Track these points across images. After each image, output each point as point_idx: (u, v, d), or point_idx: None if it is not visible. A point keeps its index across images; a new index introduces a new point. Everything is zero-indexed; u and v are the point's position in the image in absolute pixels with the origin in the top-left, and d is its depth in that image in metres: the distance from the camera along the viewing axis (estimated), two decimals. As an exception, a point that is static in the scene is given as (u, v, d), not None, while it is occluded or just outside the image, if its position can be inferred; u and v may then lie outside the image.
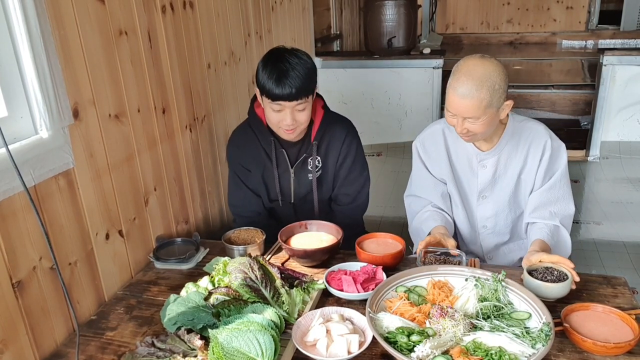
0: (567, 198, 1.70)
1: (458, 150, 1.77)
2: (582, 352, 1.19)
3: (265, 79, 1.65)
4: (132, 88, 1.66)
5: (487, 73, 1.49)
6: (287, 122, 1.69)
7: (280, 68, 1.63)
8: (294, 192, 1.95)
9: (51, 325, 1.35)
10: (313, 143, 1.86)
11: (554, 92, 4.63)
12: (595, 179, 3.95)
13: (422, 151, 1.84)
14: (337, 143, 1.89)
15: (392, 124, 4.47)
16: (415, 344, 1.14)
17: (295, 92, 1.63)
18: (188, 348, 1.21)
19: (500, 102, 1.53)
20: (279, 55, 1.68)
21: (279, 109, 1.68)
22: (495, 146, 1.70)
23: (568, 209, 1.70)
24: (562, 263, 1.43)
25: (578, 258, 2.87)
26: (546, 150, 1.67)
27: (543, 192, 1.69)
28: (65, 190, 1.39)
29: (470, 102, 1.49)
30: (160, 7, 1.80)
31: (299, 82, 1.63)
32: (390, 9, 4.48)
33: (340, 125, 1.91)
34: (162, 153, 1.85)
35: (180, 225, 1.99)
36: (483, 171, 1.74)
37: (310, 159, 1.89)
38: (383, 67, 4.37)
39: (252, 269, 1.39)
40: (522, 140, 1.69)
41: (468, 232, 1.88)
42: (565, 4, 6.53)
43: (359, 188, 1.97)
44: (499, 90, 1.50)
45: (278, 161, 1.89)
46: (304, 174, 1.92)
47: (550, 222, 1.66)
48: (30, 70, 1.24)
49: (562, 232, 1.68)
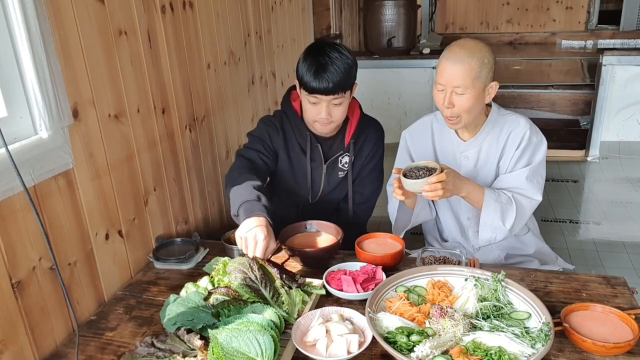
0: (535, 189, 1.68)
1: (442, 141, 1.81)
2: (582, 352, 1.19)
3: (304, 71, 1.67)
4: (132, 88, 1.66)
5: (478, 47, 1.60)
6: (322, 115, 1.71)
7: (320, 61, 1.64)
8: (323, 189, 1.95)
9: (51, 325, 1.35)
10: (350, 142, 1.88)
11: (554, 92, 4.63)
12: (595, 179, 3.95)
13: (409, 141, 1.89)
14: (370, 144, 1.93)
15: (392, 124, 4.46)
16: (415, 344, 1.14)
17: (332, 87, 1.64)
18: (188, 348, 1.21)
19: (487, 79, 1.60)
20: (320, 48, 1.69)
21: (315, 102, 1.70)
22: (476, 136, 1.73)
23: (534, 197, 1.68)
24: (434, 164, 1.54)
25: (578, 258, 2.87)
26: (523, 140, 1.68)
27: (511, 177, 1.69)
28: (65, 191, 1.39)
29: (461, 68, 1.57)
30: (160, 7, 1.80)
31: (337, 76, 1.64)
32: (390, 9, 4.48)
33: (375, 127, 1.95)
34: (162, 153, 1.85)
35: (180, 225, 1.99)
36: (465, 162, 1.76)
37: (342, 156, 1.90)
38: (383, 67, 4.37)
39: (252, 269, 1.38)
40: (503, 132, 1.72)
41: (453, 224, 1.90)
42: (565, 4, 6.53)
43: (373, 190, 1.99)
44: (487, 64, 1.59)
45: (312, 155, 1.89)
46: (335, 172, 1.93)
47: (505, 192, 1.66)
48: (30, 71, 1.24)
49: (509, 200, 1.64)
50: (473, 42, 1.62)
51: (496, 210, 1.63)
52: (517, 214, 1.64)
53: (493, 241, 1.70)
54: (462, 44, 1.61)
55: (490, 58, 1.61)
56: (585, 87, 4.58)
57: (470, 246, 1.89)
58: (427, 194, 1.51)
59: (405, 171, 1.56)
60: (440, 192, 1.50)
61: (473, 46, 1.60)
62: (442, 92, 1.62)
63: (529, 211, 1.69)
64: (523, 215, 1.67)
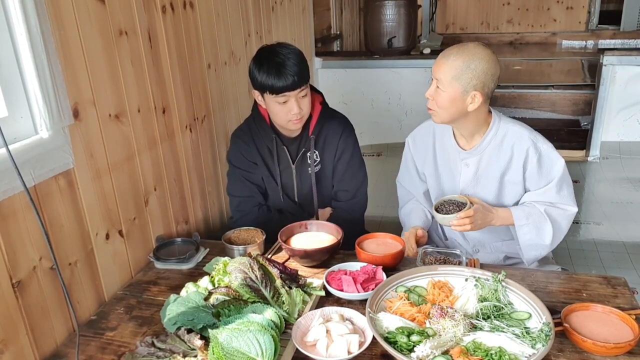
0: (566, 201, 1.69)
1: (443, 147, 1.81)
2: (582, 352, 1.19)
3: (264, 77, 1.69)
4: (132, 88, 1.66)
5: (473, 52, 1.56)
6: (294, 111, 1.74)
7: (276, 61, 1.69)
8: (297, 189, 1.97)
9: (51, 325, 1.35)
10: (311, 137, 1.89)
11: (554, 92, 4.63)
12: (595, 179, 3.95)
13: (412, 145, 1.90)
14: (334, 138, 1.93)
15: (392, 124, 4.47)
16: (415, 344, 1.14)
17: (297, 79, 1.69)
18: (188, 348, 1.21)
19: (469, 85, 1.56)
20: (269, 51, 1.73)
21: (285, 100, 1.72)
22: (477, 146, 1.71)
23: (567, 209, 1.69)
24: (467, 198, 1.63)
25: (578, 258, 2.87)
26: (529, 157, 1.66)
27: (542, 194, 1.69)
28: (65, 190, 1.39)
29: (445, 63, 1.58)
30: (160, 7, 1.80)
31: (297, 69, 1.69)
32: (390, 9, 4.48)
33: (337, 120, 1.95)
34: (162, 153, 1.85)
35: (180, 225, 1.99)
36: (465, 170, 1.75)
37: (308, 153, 1.92)
38: (383, 67, 4.37)
39: (252, 269, 1.38)
40: (504, 142, 1.69)
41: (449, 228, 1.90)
42: (565, 4, 6.53)
43: (358, 184, 2.00)
44: (472, 70, 1.55)
45: (280, 158, 1.92)
46: (305, 170, 1.94)
47: (536, 206, 1.68)
48: (31, 70, 1.24)
49: (541, 216, 1.66)
50: (475, 47, 1.57)
51: (530, 229, 1.67)
52: (554, 228, 1.67)
53: (539, 257, 1.75)
54: (464, 44, 1.59)
55: (481, 67, 1.54)
56: (585, 87, 4.57)
57: (470, 247, 1.89)
58: (456, 228, 1.61)
59: (437, 205, 1.68)
60: (468, 227, 1.60)
61: (470, 49, 1.56)
62: (432, 82, 1.64)
63: (565, 223, 1.71)
64: (560, 228, 1.69)
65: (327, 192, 2.02)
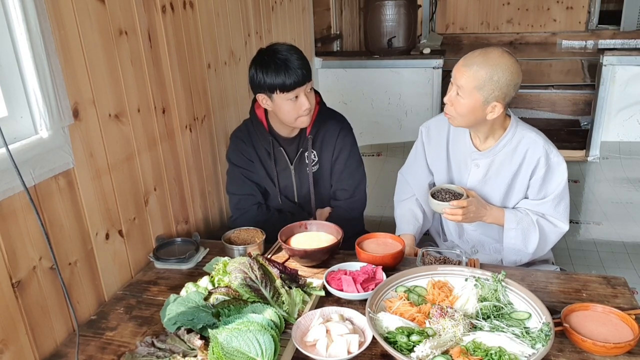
0: (560, 217, 1.69)
1: (457, 143, 1.79)
2: (582, 352, 1.19)
3: (273, 77, 1.70)
4: (132, 88, 1.66)
5: (498, 62, 1.52)
6: (306, 106, 1.76)
7: (281, 60, 1.70)
8: (296, 189, 1.97)
9: (51, 325, 1.35)
10: (308, 137, 1.90)
11: (554, 92, 4.63)
12: (595, 179, 3.95)
13: (425, 135, 1.87)
14: (332, 137, 1.94)
15: (392, 124, 4.47)
16: (415, 344, 1.14)
17: (306, 73, 1.73)
18: (188, 348, 1.21)
19: (490, 96, 1.54)
20: (270, 52, 1.74)
21: (296, 96, 1.74)
22: (491, 148, 1.70)
23: (559, 225, 1.70)
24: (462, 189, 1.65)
25: (578, 258, 2.87)
26: (540, 164, 1.65)
27: (540, 205, 1.69)
28: (65, 190, 1.39)
29: (467, 72, 1.54)
30: (160, 7, 1.80)
31: (302, 63, 1.72)
32: (390, 9, 4.48)
33: (335, 120, 1.96)
34: (162, 153, 1.85)
35: (180, 225, 1.99)
36: (475, 170, 1.75)
37: (306, 153, 1.92)
38: (383, 67, 4.36)
39: (252, 269, 1.38)
40: (519, 149, 1.68)
41: (453, 225, 1.90)
42: (565, 4, 6.53)
43: (356, 183, 2.00)
44: (496, 82, 1.52)
45: (277, 160, 1.92)
46: (303, 170, 1.94)
47: (530, 214, 1.69)
48: (30, 70, 1.24)
49: (532, 224, 1.67)
50: (500, 56, 1.53)
51: (517, 235, 1.68)
52: (541, 239, 1.68)
53: (518, 263, 1.75)
54: (487, 51, 1.54)
55: (505, 79, 1.52)
56: (585, 87, 4.57)
57: (469, 248, 1.89)
58: (447, 216, 1.63)
59: (434, 191, 1.69)
60: (459, 217, 1.62)
61: (494, 59, 1.52)
62: (451, 86, 1.62)
63: (553, 238, 1.71)
64: (546, 241, 1.70)
65: (325, 192, 2.02)
